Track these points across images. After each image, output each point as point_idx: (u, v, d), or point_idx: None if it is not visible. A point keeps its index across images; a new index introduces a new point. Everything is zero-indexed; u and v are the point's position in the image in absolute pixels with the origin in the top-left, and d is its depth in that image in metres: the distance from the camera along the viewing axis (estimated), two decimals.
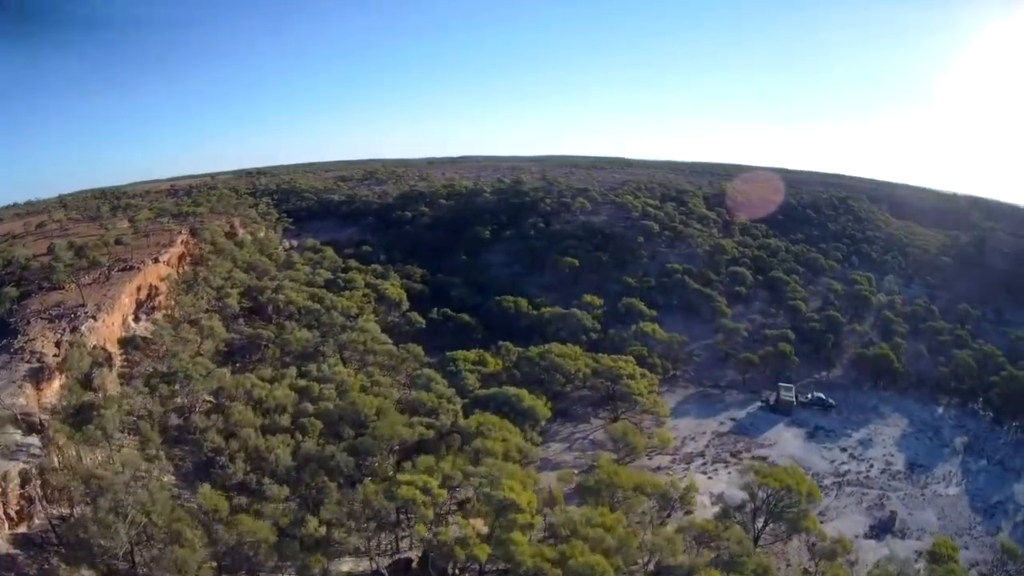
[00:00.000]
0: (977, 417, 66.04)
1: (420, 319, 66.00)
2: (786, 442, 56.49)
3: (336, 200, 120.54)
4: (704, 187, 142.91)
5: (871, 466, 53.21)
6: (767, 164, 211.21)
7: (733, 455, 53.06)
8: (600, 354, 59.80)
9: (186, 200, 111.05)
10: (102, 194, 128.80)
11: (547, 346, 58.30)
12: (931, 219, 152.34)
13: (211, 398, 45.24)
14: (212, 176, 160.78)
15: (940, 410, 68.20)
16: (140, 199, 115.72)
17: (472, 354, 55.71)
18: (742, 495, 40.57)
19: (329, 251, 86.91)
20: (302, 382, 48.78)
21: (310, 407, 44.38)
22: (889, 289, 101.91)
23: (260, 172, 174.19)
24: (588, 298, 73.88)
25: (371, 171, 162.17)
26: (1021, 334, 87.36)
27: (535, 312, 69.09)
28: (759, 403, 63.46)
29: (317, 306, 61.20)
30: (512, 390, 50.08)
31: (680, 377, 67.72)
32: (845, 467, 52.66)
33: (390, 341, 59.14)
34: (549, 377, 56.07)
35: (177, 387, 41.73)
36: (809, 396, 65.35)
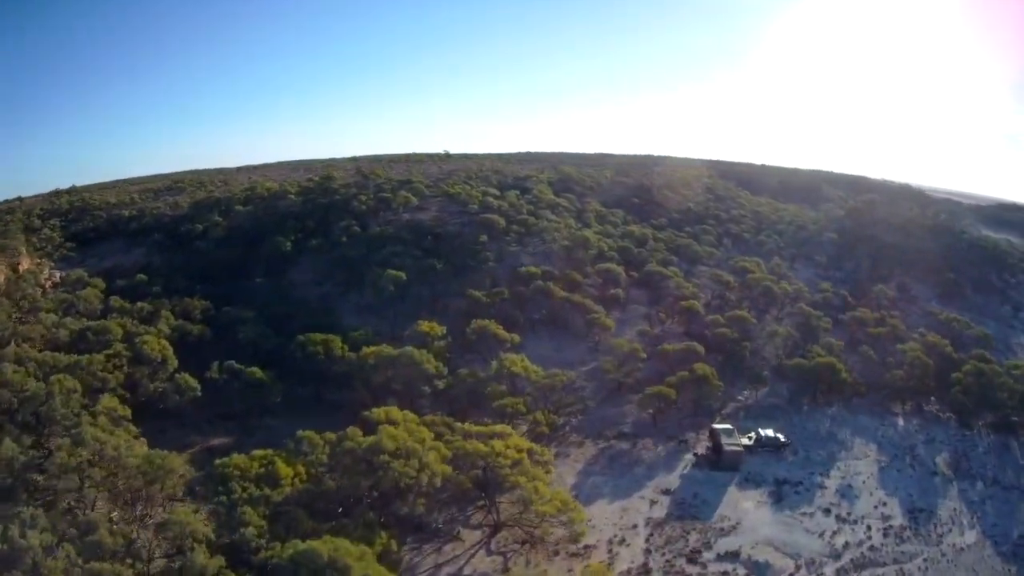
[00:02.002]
0: (940, 422, 72.56)
1: (194, 383, 62.84)
2: (751, 518, 52.61)
3: (125, 216, 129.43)
4: (547, 171, 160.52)
5: (868, 528, 52.29)
6: (592, 151, 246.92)
7: (692, 560, 46.54)
8: (456, 420, 56.61)
9: None
10: None
11: (377, 434, 47.98)
12: (785, 195, 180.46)
13: None
14: (21, 199, 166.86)
15: (900, 421, 72.71)
16: None
17: (254, 461, 46.80)
18: None
19: (91, 288, 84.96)
20: None
21: None
22: (782, 275, 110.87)
23: (65, 192, 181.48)
24: (424, 325, 73.22)
25: (176, 181, 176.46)
26: (951, 316, 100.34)
27: (353, 354, 67.32)
28: (689, 456, 61.44)
29: (41, 387, 53.65)
30: (325, 547, 35.82)
31: (567, 427, 65.33)
32: (840, 540, 50.66)
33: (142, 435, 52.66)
34: (384, 482, 45.37)
35: None
36: (753, 436, 63.73)
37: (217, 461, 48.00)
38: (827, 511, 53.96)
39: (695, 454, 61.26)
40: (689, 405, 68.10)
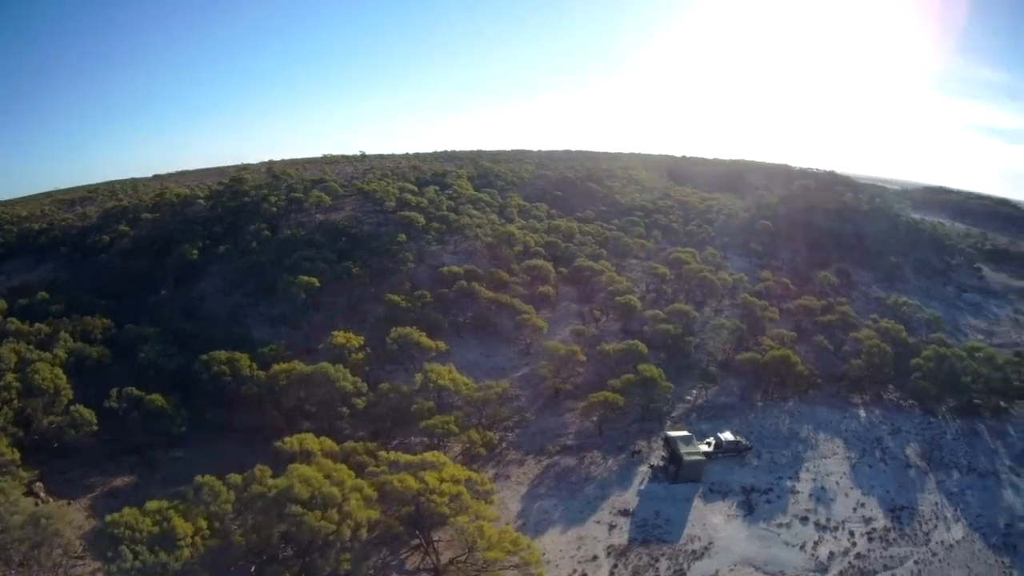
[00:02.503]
0: (902, 411, 74.07)
1: (89, 416, 59.86)
2: (724, 535, 50.42)
3: (35, 230, 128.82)
4: (467, 167, 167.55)
5: (851, 534, 51.90)
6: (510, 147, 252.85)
7: None
8: (381, 442, 57.05)
9: None
10: None
11: (288, 475, 43.91)
12: (709, 185, 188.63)
13: None
14: None
15: (862, 412, 73.33)
16: None
17: (147, 517, 41.71)
18: None
19: None
20: None
21: None
22: (719, 264, 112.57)
23: None
24: (340, 336, 71.88)
25: (91, 191, 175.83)
26: (900, 300, 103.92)
27: (263, 372, 65.80)
28: (644, 468, 59.15)
29: None
30: None
31: (505, 443, 63.19)
32: (824, 550, 49.75)
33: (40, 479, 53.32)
34: (299, 537, 41.49)
35: None
36: (712, 442, 61.86)
37: (108, 518, 43.13)
38: (804, 519, 52.86)
39: (651, 466, 58.72)
40: (636, 410, 66.20)
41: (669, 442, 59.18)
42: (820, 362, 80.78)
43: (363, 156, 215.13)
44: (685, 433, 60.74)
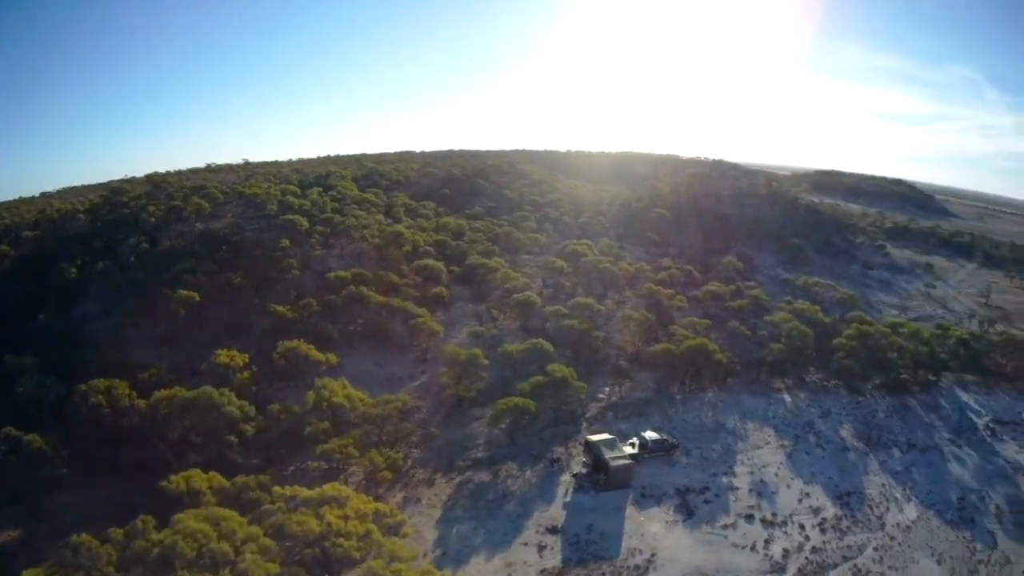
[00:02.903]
0: (827, 392, 75.24)
1: None
2: (667, 544, 47.64)
3: None
4: (352, 167, 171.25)
5: (802, 527, 50.86)
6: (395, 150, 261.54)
7: None
8: (276, 471, 56.27)
9: None
10: None
11: (172, 529, 42.00)
12: (598, 178, 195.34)
13: None
14: None
15: (787, 397, 73.39)
16: None
17: None
18: None
19: None
20: None
21: None
22: (617, 255, 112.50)
23: None
24: (223, 355, 71.26)
25: None
26: (810, 280, 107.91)
27: (143, 401, 63.81)
28: (566, 477, 56.30)
29: None
30: None
31: (410, 461, 60.58)
32: (776, 548, 48.19)
33: None
34: None
35: None
36: (636, 442, 59.88)
37: None
38: (749, 517, 51.13)
39: (574, 474, 55.14)
40: (548, 414, 63.63)
41: (591, 447, 55.91)
42: (736, 349, 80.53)
43: (247, 164, 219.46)
44: (607, 436, 57.72)
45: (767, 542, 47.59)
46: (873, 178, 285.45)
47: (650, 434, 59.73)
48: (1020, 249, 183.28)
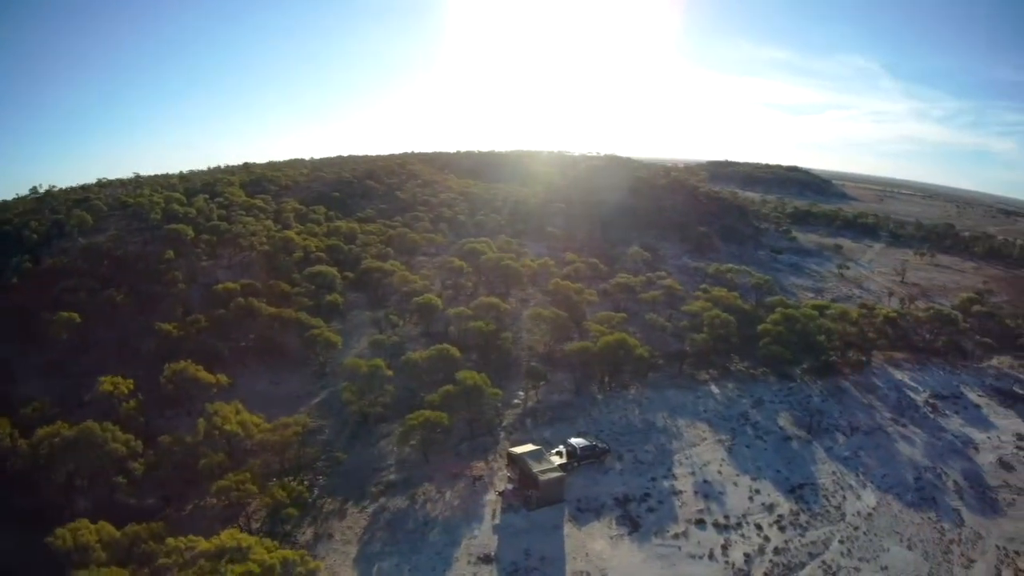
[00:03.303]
0: (755, 380, 74.57)
1: None
2: (617, 563, 44.28)
3: None
4: (239, 174, 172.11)
5: (759, 528, 48.70)
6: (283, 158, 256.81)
7: None
8: (171, 512, 54.00)
9: None
10: None
11: None
12: (494, 176, 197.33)
13: None
14: None
15: (714, 389, 72.23)
16: None
17: None
18: None
19: None
20: None
21: None
22: (516, 251, 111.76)
23: None
24: (107, 383, 69.09)
25: None
26: (723, 267, 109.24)
27: (25, 441, 60.87)
28: (491, 496, 52.26)
29: None
30: None
31: (316, 490, 56.43)
32: (736, 554, 45.73)
33: None
34: None
35: None
36: (563, 451, 56.68)
37: None
38: (700, 522, 48.25)
39: (499, 493, 50.76)
40: (462, 426, 59.92)
41: (516, 461, 51.93)
42: (654, 342, 78.57)
43: (137, 177, 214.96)
44: (532, 447, 53.86)
45: (725, 548, 44.89)
46: (767, 166, 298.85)
47: (578, 440, 56.40)
48: (925, 228, 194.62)
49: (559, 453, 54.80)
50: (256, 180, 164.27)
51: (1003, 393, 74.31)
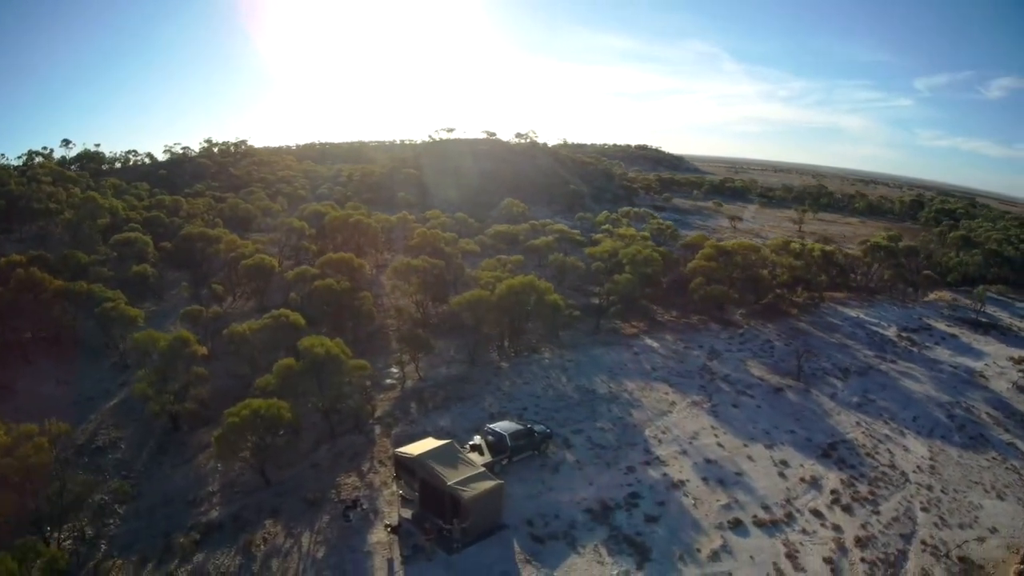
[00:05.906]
0: (696, 329, 64.38)
1: None
2: None
3: None
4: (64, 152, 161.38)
5: (819, 516, 35.28)
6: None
7: None
8: None
9: None
10: None
11: None
12: (343, 161, 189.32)
13: None
14: None
15: (652, 343, 58.58)
16: None
17: None
18: None
19: None
20: None
21: None
22: (367, 213, 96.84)
23: None
24: None
25: None
26: (611, 214, 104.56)
27: None
28: (378, 536, 31.07)
29: None
30: None
31: (104, 543, 37.71)
32: (812, 560, 31.65)
33: None
34: None
35: None
36: (483, 441, 38.36)
37: None
38: (736, 524, 31.55)
39: (389, 527, 29.52)
40: (316, 421, 42.15)
41: (414, 468, 30.42)
42: (561, 292, 62.95)
43: None
44: (436, 443, 32.68)
45: (791, 556, 29.30)
46: (617, 145, 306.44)
47: (504, 425, 37.58)
48: (795, 189, 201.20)
49: (476, 448, 35.36)
50: (77, 158, 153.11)
51: (969, 323, 66.86)
